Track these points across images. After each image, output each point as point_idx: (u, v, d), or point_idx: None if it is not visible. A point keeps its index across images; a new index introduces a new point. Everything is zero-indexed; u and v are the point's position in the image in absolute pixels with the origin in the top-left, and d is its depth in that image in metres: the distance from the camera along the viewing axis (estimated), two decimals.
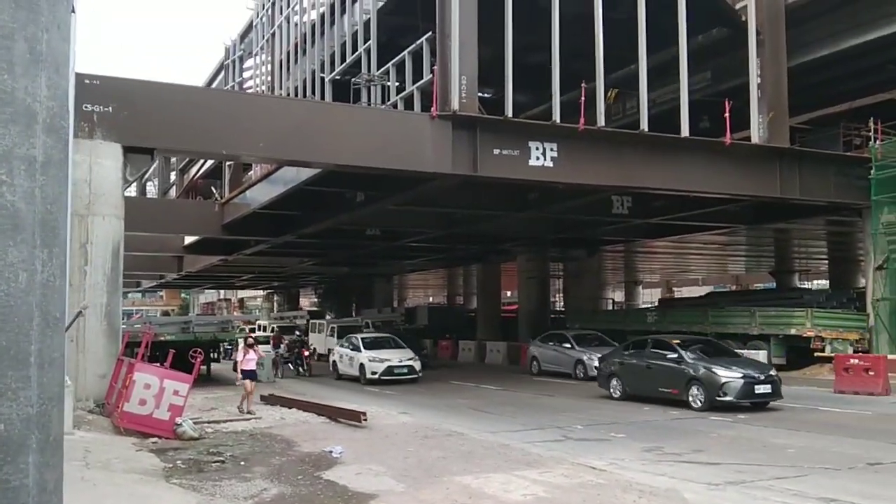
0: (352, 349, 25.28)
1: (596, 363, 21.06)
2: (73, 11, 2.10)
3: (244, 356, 16.48)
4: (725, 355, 17.62)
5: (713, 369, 16.02)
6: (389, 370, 23.44)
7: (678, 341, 17.71)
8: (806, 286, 55.83)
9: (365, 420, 13.87)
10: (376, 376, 23.35)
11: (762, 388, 16.00)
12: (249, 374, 16.15)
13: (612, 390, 18.35)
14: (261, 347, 19.47)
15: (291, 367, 29.21)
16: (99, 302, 14.10)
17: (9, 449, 2.17)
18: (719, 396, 15.66)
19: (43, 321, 2.19)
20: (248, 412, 15.30)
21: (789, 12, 20.19)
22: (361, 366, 24.08)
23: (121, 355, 14.31)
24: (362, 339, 25.77)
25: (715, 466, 10.48)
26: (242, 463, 10.50)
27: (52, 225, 2.18)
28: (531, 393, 20.74)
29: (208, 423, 14.25)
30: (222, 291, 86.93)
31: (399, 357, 24.07)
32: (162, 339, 21.47)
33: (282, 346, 30.68)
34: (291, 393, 19.47)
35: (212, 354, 26.22)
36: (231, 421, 14.74)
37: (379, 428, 13.79)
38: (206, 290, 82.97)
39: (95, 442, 10.97)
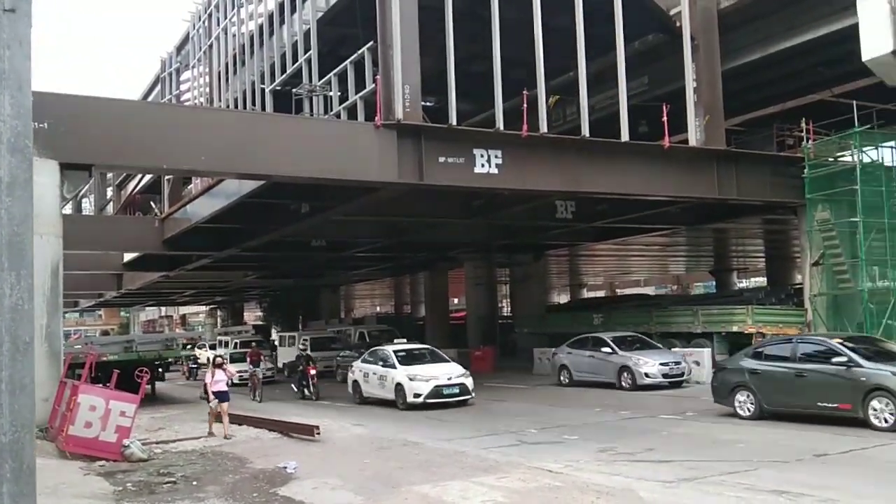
0: (382, 365, 20.72)
1: (646, 368, 20.96)
2: (31, 26, 2.04)
3: (213, 377, 15.51)
4: None
5: None
6: (437, 391, 19.10)
7: (839, 340, 14.15)
8: (744, 284, 57.32)
9: (318, 434, 13.75)
10: (420, 399, 19.00)
11: None
12: (221, 396, 15.16)
13: (738, 407, 14.75)
14: (234, 366, 17.91)
15: (295, 389, 24.77)
16: (39, 324, 13.63)
17: None
18: None
19: (13, 346, 2.13)
20: (226, 436, 14.49)
21: (722, 17, 20.72)
22: (399, 386, 19.54)
23: (63, 377, 13.91)
24: (395, 352, 20.95)
25: (668, 464, 10.68)
26: (195, 483, 10.30)
27: (20, 247, 2.13)
28: (484, 399, 20.78)
29: (157, 443, 13.96)
30: (164, 308, 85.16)
31: (447, 374, 19.76)
32: (105, 359, 20.92)
33: (262, 363, 27.34)
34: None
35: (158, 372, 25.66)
36: (180, 440, 14.46)
37: (333, 441, 13.69)
38: (147, 308, 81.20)
39: (42, 468, 10.54)
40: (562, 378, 23.55)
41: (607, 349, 22.34)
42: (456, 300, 53.55)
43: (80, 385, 12.59)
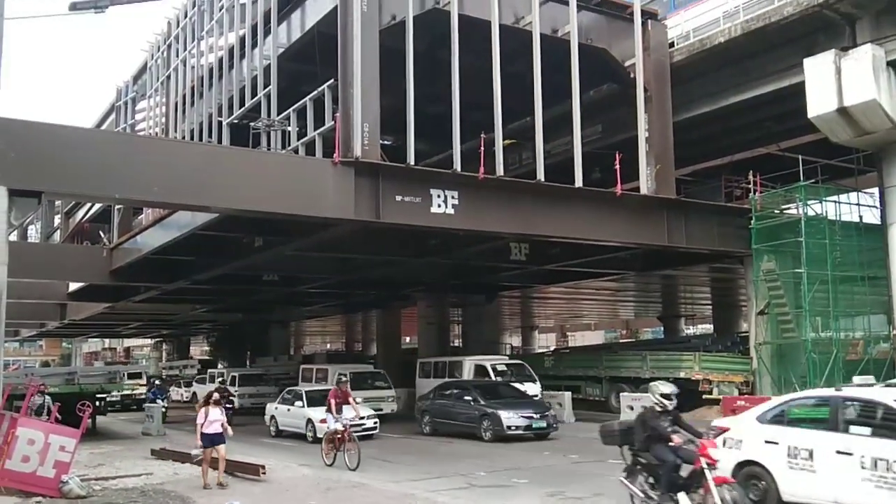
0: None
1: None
2: None
3: (206, 417, 13.21)
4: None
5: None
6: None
7: None
8: (691, 331, 58.21)
9: (264, 473, 13.52)
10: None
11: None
12: (216, 439, 13.17)
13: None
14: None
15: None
16: None
17: None
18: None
19: None
20: (220, 483, 12.79)
21: (675, 70, 21.33)
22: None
23: (1, 409, 13.46)
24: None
25: None
26: None
27: None
28: (433, 440, 20.66)
29: (96, 479, 13.58)
30: (107, 340, 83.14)
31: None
32: (46, 391, 20.29)
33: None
34: None
35: (98, 405, 24.93)
36: (120, 477, 14.08)
37: (278, 481, 13.46)
38: (91, 339, 79.18)
39: None
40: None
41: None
42: (408, 338, 53.33)
43: (18, 418, 12.22)
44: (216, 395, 14.02)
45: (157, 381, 37.91)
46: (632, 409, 22.42)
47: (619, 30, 20.98)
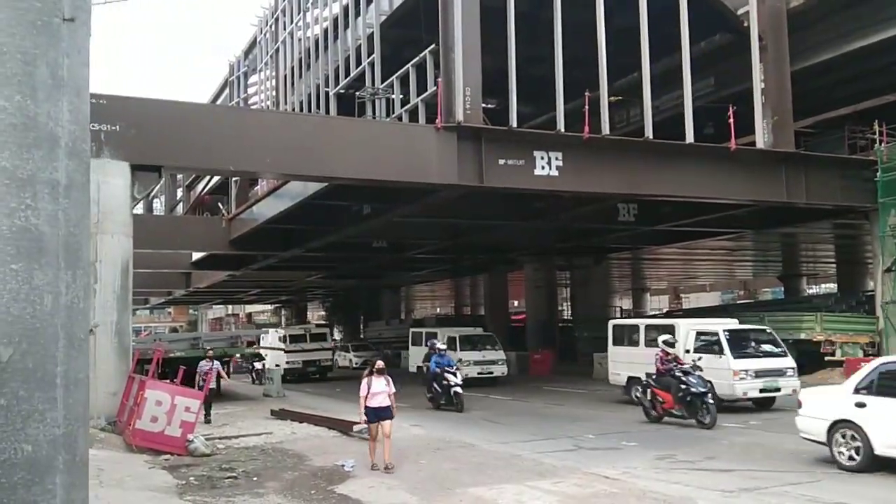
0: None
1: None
2: (90, 35, 2.13)
3: (369, 389, 11.15)
4: None
5: None
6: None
7: None
8: (814, 290, 55.73)
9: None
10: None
11: None
12: (381, 413, 11.12)
13: None
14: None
15: None
16: (109, 320, 14.13)
17: (37, 470, 2.19)
18: None
19: (68, 343, 2.21)
20: (387, 467, 10.88)
21: (791, 17, 20.22)
22: None
23: (132, 373, 14.35)
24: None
25: (728, 473, 10.45)
26: (255, 479, 10.51)
27: (76, 247, 2.21)
28: (542, 402, 20.68)
29: (220, 438, 14.28)
30: (230, 307, 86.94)
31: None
32: (172, 355, 21.47)
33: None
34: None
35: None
36: (242, 437, 14.76)
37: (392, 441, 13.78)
38: (215, 306, 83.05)
39: (108, 460, 10.99)
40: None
41: None
42: (516, 303, 53.38)
43: (147, 380, 12.97)
44: (380, 364, 11.59)
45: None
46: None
47: None
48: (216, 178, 34.00)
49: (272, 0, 29.60)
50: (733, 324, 18.49)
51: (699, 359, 16.02)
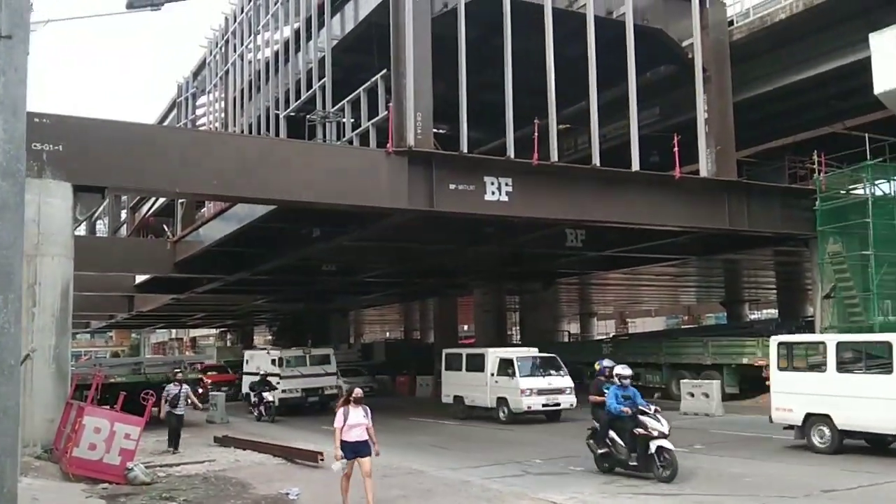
0: None
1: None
2: (28, 53, 2.06)
3: (345, 420, 9.83)
4: None
5: None
6: None
7: None
8: (756, 316, 56.91)
9: (322, 460, 13.66)
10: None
11: None
12: (360, 449, 9.84)
13: None
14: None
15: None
16: (47, 344, 13.71)
17: None
18: None
19: None
20: None
21: (734, 49, 20.80)
22: None
23: (70, 398, 13.92)
24: None
25: (675, 497, 10.54)
26: None
27: (7, 270, 2.13)
28: (493, 427, 20.64)
29: (160, 466, 13.91)
30: (174, 331, 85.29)
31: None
32: (112, 381, 20.93)
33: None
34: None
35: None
36: (184, 464, 14.40)
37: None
38: (158, 330, 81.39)
39: (44, 489, 10.62)
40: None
41: None
42: (465, 327, 53.35)
43: (85, 406, 12.60)
44: (358, 392, 10.24)
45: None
46: (692, 395, 22.10)
47: (675, 9, 20.55)
48: (162, 200, 33.43)
49: (222, 22, 29.40)
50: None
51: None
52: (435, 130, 18.01)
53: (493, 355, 22.63)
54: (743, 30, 20.88)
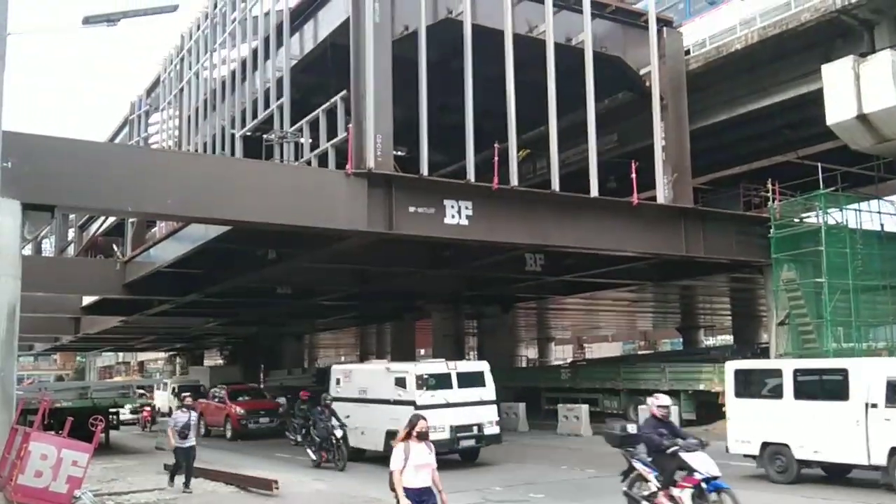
0: None
1: None
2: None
3: (406, 460, 7.78)
4: None
5: None
6: None
7: None
8: (711, 342, 57.67)
9: (277, 489, 13.32)
10: None
11: None
12: (425, 497, 7.83)
13: None
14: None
15: None
16: None
17: None
18: None
19: None
20: None
21: (691, 78, 21.12)
22: None
23: (15, 424, 13.36)
24: None
25: None
26: None
27: None
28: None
29: (109, 494, 13.46)
30: (121, 354, 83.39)
31: None
32: (58, 405, 20.22)
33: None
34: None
35: (111, 421, 24.79)
36: (133, 493, 13.93)
37: (291, 497, 13.26)
38: (105, 353, 79.47)
39: None
40: None
41: None
42: (423, 351, 53.05)
43: (31, 432, 12.11)
44: (423, 424, 7.95)
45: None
46: None
47: (633, 38, 20.80)
48: (111, 219, 32.66)
49: (178, 40, 28.99)
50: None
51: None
52: (395, 153, 17.89)
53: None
54: (699, 59, 21.22)
